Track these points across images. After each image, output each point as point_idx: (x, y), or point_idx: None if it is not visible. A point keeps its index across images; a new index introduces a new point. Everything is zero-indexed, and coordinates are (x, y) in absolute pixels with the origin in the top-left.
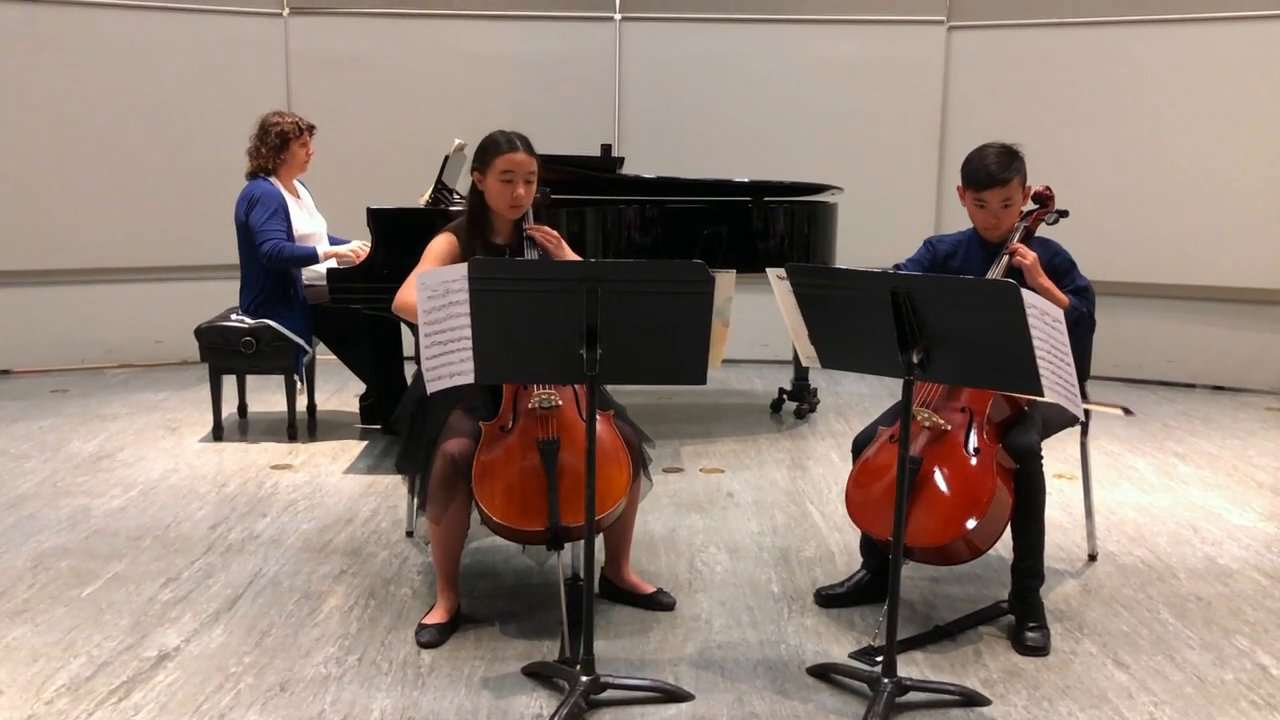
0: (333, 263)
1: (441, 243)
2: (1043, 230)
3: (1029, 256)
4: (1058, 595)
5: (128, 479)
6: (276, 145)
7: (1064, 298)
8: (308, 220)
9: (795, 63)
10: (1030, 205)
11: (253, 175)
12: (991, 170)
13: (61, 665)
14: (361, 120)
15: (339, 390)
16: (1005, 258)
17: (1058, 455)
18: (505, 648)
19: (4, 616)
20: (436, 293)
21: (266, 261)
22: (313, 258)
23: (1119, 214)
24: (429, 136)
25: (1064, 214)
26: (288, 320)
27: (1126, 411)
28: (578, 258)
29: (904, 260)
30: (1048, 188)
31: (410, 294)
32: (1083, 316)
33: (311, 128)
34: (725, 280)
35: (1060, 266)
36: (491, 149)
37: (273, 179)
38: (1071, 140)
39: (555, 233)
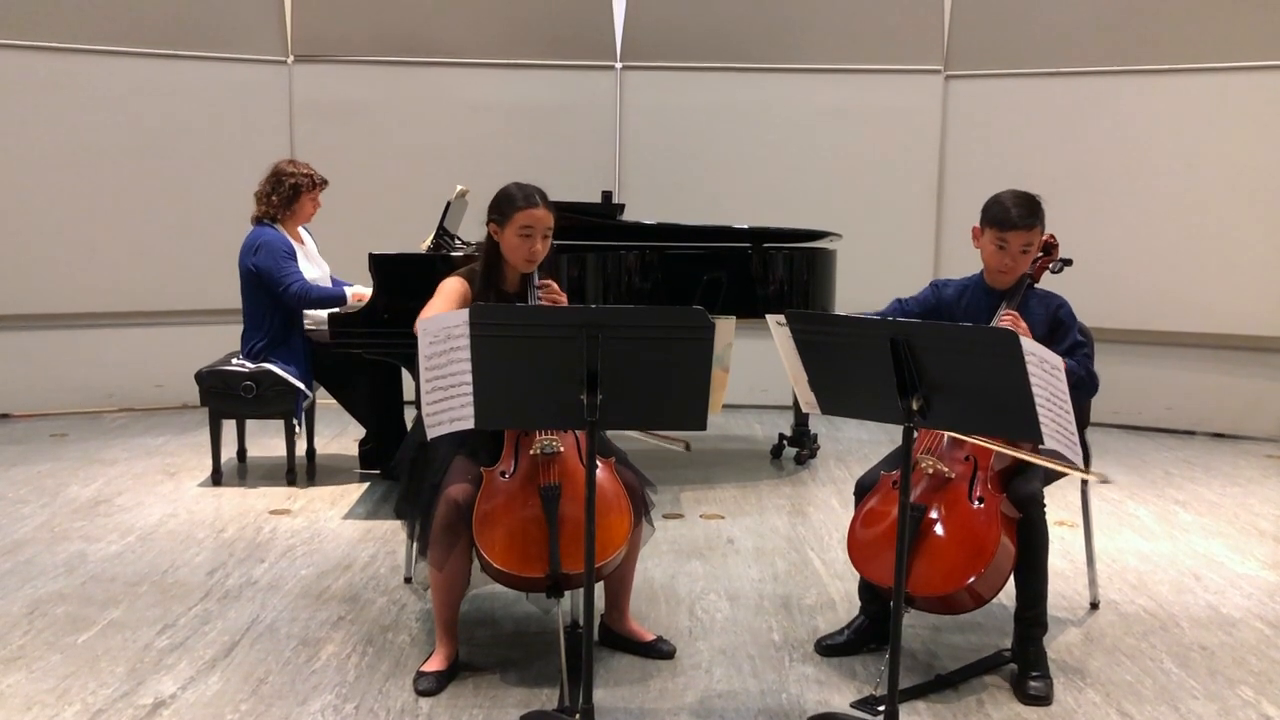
0: (353, 302)
1: (454, 283)
2: (1047, 279)
3: (1017, 325)
4: (1060, 644)
5: (126, 524)
6: (288, 196)
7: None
8: (312, 267)
9: (795, 111)
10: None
11: (258, 220)
12: (1019, 213)
13: (56, 713)
14: (364, 166)
15: (338, 435)
16: (1002, 318)
17: (1059, 503)
18: (504, 696)
19: None
20: (438, 338)
21: (295, 303)
22: (341, 298)
23: (1117, 262)
24: (431, 182)
25: (1068, 262)
26: (288, 365)
27: (1103, 480)
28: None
29: (908, 297)
30: (1052, 236)
31: (431, 313)
32: (1081, 380)
33: (324, 182)
34: (725, 326)
35: (1064, 320)
36: (511, 204)
37: (278, 226)
38: (1068, 189)
39: (561, 293)
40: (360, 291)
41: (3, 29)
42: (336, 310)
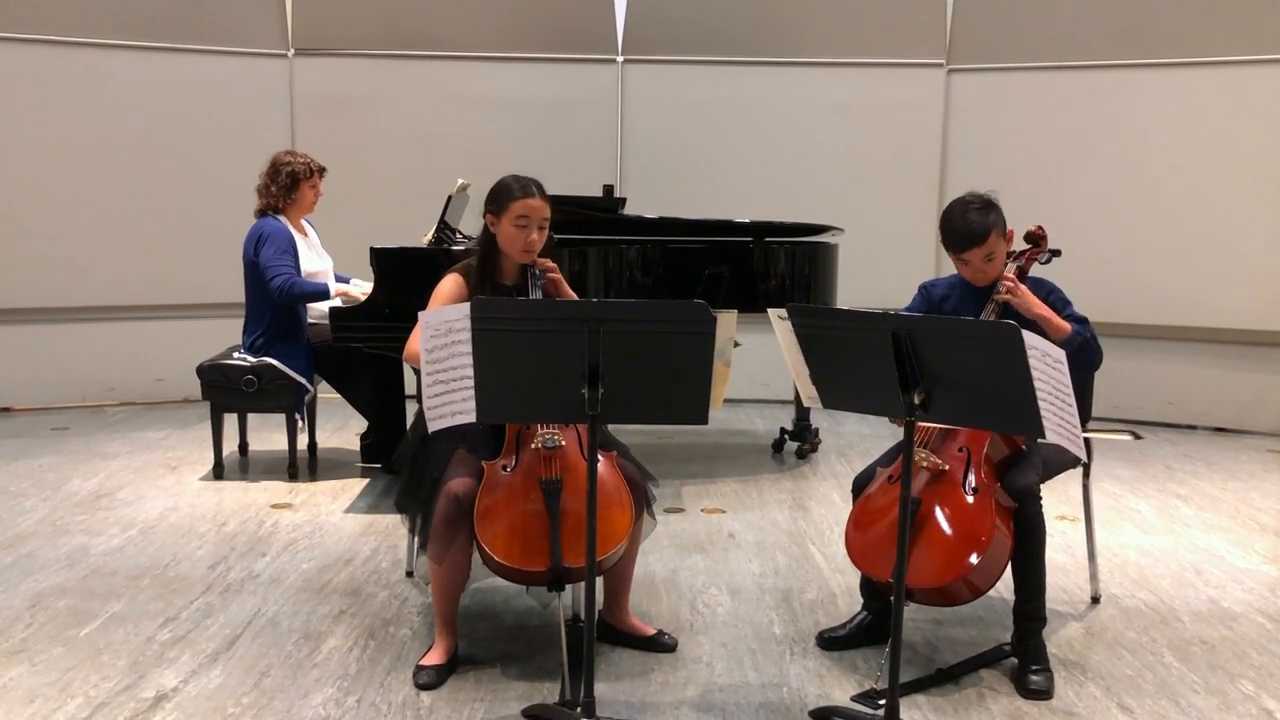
0: (338, 301)
1: (449, 284)
2: (1036, 269)
3: (1016, 289)
4: (1061, 638)
5: (127, 518)
6: (287, 185)
7: (1064, 324)
8: (315, 259)
9: (796, 105)
10: (1023, 245)
11: (261, 213)
12: (970, 229)
13: (58, 706)
14: (365, 160)
15: (340, 429)
16: (995, 303)
17: (1060, 497)
18: (505, 689)
19: (1, 656)
20: (439, 332)
21: (278, 297)
22: (324, 293)
23: (1119, 256)
24: (432, 176)
25: (1056, 253)
26: (290, 359)
27: (1135, 436)
28: (574, 295)
29: (901, 309)
30: (1040, 227)
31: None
32: (1086, 343)
33: (322, 169)
34: (727, 320)
35: (1054, 304)
36: (507, 194)
37: (281, 217)
38: (1071, 183)
39: (555, 265)
40: (345, 290)
41: (2, 23)
42: (338, 304)
